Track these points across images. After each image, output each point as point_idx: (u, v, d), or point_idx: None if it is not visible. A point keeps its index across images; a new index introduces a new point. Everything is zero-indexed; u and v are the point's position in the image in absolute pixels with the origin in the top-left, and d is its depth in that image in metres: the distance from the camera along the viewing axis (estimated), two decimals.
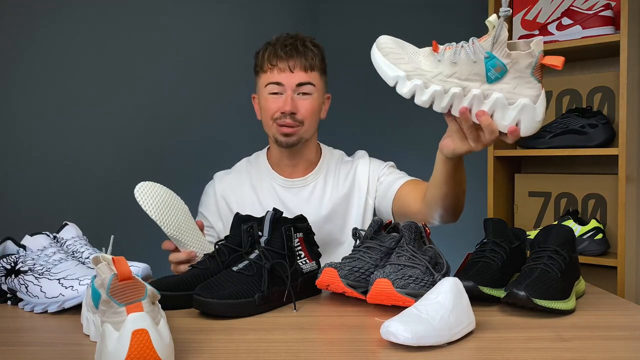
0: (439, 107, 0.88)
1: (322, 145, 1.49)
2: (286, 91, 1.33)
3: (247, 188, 1.44)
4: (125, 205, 2.24)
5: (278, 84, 1.33)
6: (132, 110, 2.26)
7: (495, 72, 0.85)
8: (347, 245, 1.39)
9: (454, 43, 0.88)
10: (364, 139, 1.53)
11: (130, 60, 2.25)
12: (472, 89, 0.86)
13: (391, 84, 0.87)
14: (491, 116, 0.88)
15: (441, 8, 2.64)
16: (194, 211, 2.34)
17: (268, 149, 1.49)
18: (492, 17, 0.85)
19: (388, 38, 0.89)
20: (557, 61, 0.86)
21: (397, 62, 0.86)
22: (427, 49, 0.88)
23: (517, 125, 0.89)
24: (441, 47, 0.88)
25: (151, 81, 2.32)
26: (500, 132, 0.92)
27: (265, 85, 1.35)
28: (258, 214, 1.31)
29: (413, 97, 0.86)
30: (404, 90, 0.86)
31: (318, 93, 1.37)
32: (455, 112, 0.89)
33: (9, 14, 1.92)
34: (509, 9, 0.84)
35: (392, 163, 1.48)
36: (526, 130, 0.90)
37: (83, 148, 2.12)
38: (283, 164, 1.43)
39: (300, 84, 1.33)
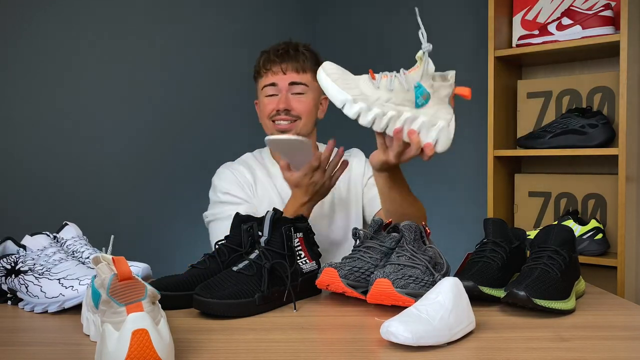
0: (378, 127, 1.00)
1: (320, 145, 1.51)
2: (281, 91, 1.41)
3: (260, 174, 1.48)
4: (125, 205, 2.25)
5: (272, 84, 1.41)
6: (132, 111, 2.26)
7: (422, 99, 1.02)
8: (350, 242, 1.40)
9: (387, 72, 1.02)
10: (362, 140, 1.54)
11: (131, 62, 2.25)
12: (404, 112, 1.01)
13: (339, 105, 0.99)
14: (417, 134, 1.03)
15: (441, 8, 2.64)
16: (194, 213, 2.34)
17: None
18: (420, 53, 1.01)
19: (332, 65, 1.01)
20: (466, 91, 1.05)
21: (344, 87, 0.98)
22: (365, 76, 1.01)
23: (435, 142, 1.03)
24: (377, 75, 1.01)
25: (151, 82, 2.32)
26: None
27: (262, 88, 1.44)
28: (273, 197, 1.42)
29: (358, 117, 0.98)
30: (351, 111, 0.98)
31: (313, 93, 1.43)
32: (390, 131, 1.02)
33: (8, 14, 1.92)
34: (429, 44, 1.00)
35: None
36: (442, 147, 1.04)
37: (83, 148, 2.12)
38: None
39: (292, 83, 1.41)
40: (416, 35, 0.97)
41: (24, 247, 1.04)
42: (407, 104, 1.01)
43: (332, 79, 0.99)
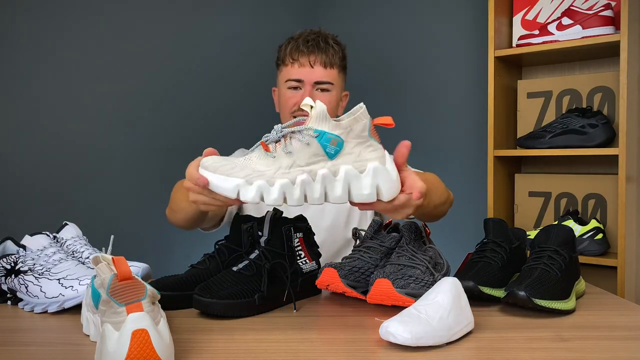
0: (293, 200, 0.82)
1: None
2: (305, 86, 1.37)
3: None
4: (125, 205, 2.25)
5: (297, 80, 1.38)
6: (132, 111, 2.26)
7: (332, 147, 0.84)
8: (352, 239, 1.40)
9: (282, 139, 0.85)
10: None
11: (131, 61, 2.25)
12: (318, 171, 0.83)
13: (233, 195, 0.81)
14: (349, 191, 0.85)
15: (441, 8, 2.64)
16: None
17: None
18: (306, 100, 0.85)
19: (211, 157, 0.85)
20: (387, 120, 0.87)
21: (230, 173, 0.82)
22: (255, 153, 0.85)
23: (377, 191, 0.85)
24: (271, 145, 0.84)
25: (152, 81, 2.32)
26: (372, 202, 0.87)
27: (285, 81, 1.40)
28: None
29: (262, 199, 0.82)
30: (249, 195, 0.81)
31: (336, 90, 1.41)
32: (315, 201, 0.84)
33: (8, 13, 1.92)
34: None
35: None
36: (388, 193, 0.86)
37: (83, 148, 2.12)
38: None
39: (318, 82, 1.38)
40: (416, 36, 0.95)
41: (23, 247, 1.04)
42: (318, 159, 0.83)
43: (210, 170, 0.82)
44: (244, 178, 0.81)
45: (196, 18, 2.48)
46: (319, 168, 0.83)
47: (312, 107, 0.85)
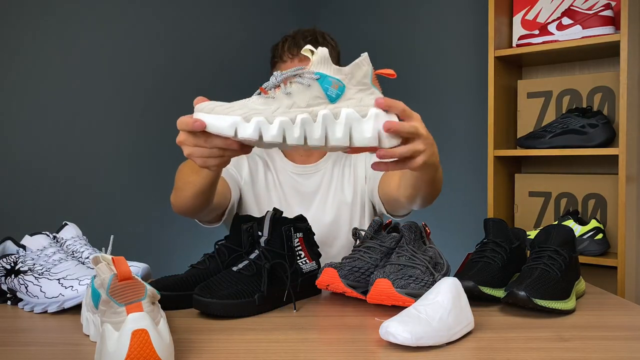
0: (293, 139, 0.80)
1: None
2: None
3: (261, 165, 1.46)
4: (125, 205, 2.25)
5: None
6: (133, 111, 2.26)
7: (334, 90, 0.82)
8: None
9: (281, 84, 0.83)
10: None
11: (131, 60, 2.25)
12: (319, 111, 0.81)
13: (231, 132, 0.78)
14: (350, 134, 0.83)
15: (441, 8, 2.64)
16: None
17: None
18: (307, 46, 0.84)
19: (205, 102, 0.82)
20: (388, 71, 0.86)
21: (227, 112, 0.79)
22: (255, 97, 0.82)
23: (379, 136, 0.83)
24: (270, 91, 0.82)
25: (152, 81, 2.32)
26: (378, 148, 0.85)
27: None
28: (274, 190, 1.41)
29: (260, 137, 0.79)
30: (248, 131, 0.78)
31: None
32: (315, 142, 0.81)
33: (3, 13, 1.92)
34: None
35: None
36: (389, 140, 0.84)
37: (83, 148, 2.12)
38: (297, 153, 1.46)
39: None
40: (416, 36, 0.95)
41: (23, 247, 1.04)
42: (319, 101, 0.82)
43: (206, 111, 0.80)
44: (241, 115, 0.79)
45: (195, 18, 2.48)
46: (320, 109, 0.82)
47: (312, 52, 0.83)
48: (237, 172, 1.41)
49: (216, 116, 0.79)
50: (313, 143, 0.81)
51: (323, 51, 0.83)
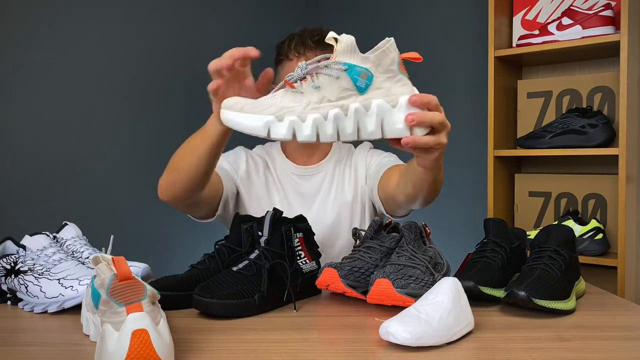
0: (326, 137, 0.79)
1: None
2: None
3: (262, 166, 1.45)
4: (125, 205, 2.25)
5: None
6: (133, 111, 2.26)
7: (362, 80, 0.80)
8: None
9: (307, 76, 0.81)
10: None
11: (130, 60, 2.25)
12: (350, 105, 0.80)
13: (264, 133, 0.77)
14: (381, 125, 0.82)
15: (441, 8, 2.64)
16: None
17: (280, 142, 1.51)
18: (331, 33, 0.81)
19: (233, 98, 0.81)
20: (414, 54, 0.84)
21: (257, 110, 0.78)
22: (281, 91, 0.81)
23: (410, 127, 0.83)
24: (296, 83, 0.81)
25: (152, 82, 2.32)
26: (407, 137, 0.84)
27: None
28: (275, 191, 1.41)
29: (294, 136, 0.78)
30: (282, 132, 0.77)
31: None
32: (369, 136, 0.81)
33: (5, 14, 1.92)
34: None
35: (394, 156, 1.48)
36: (419, 129, 0.84)
37: (83, 148, 2.12)
38: (298, 154, 1.46)
39: None
40: (416, 37, 0.94)
41: (23, 247, 1.04)
42: (348, 93, 0.80)
43: (236, 109, 0.78)
44: (273, 114, 0.77)
45: (195, 18, 2.48)
46: (351, 102, 0.80)
47: (337, 40, 0.81)
48: (233, 168, 1.40)
49: (247, 115, 0.78)
50: (346, 139, 0.80)
51: (349, 39, 0.80)
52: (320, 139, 0.79)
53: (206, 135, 1.06)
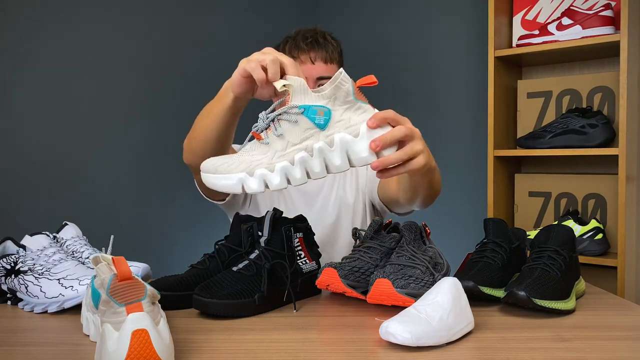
0: (296, 180, 0.82)
1: None
2: (307, 83, 1.35)
3: None
4: (126, 205, 2.25)
5: None
6: (133, 111, 2.26)
7: (321, 117, 0.83)
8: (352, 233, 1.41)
9: (271, 124, 0.85)
10: None
11: (130, 61, 2.25)
12: (313, 145, 0.83)
13: (239, 189, 0.82)
14: (348, 157, 0.84)
15: (441, 8, 2.64)
16: (194, 213, 2.32)
17: None
18: (279, 82, 0.85)
19: (209, 160, 0.85)
20: (369, 79, 0.85)
21: (229, 169, 0.83)
22: (249, 144, 0.85)
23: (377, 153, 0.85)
24: (262, 133, 0.85)
25: (151, 82, 2.32)
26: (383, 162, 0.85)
27: None
28: (281, 193, 1.40)
29: (267, 187, 0.82)
30: (253, 186, 0.81)
31: None
32: (317, 174, 0.84)
33: (5, 14, 1.92)
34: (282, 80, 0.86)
35: None
36: (386, 150, 0.85)
37: (83, 148, 2.12)
38: None
39: (320, 78, 1.37)
40: (416, 37, 0.94)
41: (23, 247, 1.04)
42: (310, 133, 0.83)
43: (211, 172, 0.83)
44: (244, 171, 0.82)
45: (195, 18, 2.48)
46: (314, 142, 0.83)
47: (285, 85, 0.84)
48: None
49: (220, 176, 0.83)
50: (317, 177, 0.84)
51: (299, 81, 0.84)
52: (291, 183, 0.83)
53: (220, 100, 1.08)
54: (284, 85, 0.85)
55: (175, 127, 2.38)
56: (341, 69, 0.85)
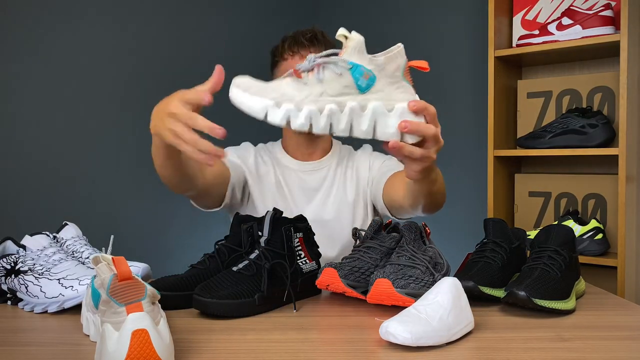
0: (318, 128, 0.82)
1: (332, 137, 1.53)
2: None
3: (270, 165, 1.46)
4: (125, 205, 2.25)
5: None
6: (133, 111, 2.26)
7: (364, 80, 0.83)
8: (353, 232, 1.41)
9: (315, 68, 0.84)
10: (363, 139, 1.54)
11: (131, 61, 2.25)
12: (347, 102, 0.83)
13: (261, 116, 0.81)
14: (374, 126, 0.85)
15: (441, 8, 2.64)
16: (194, 213, 2.31)
17: (281, 140, 1.52)
18: (341, 30, 0.84)
19: (245, 78, 0.84)
20: (422, 63, 0.86)
21: (260, 93, 0.81)
22: (289, 78, 0.84)
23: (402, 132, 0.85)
24: (303, 74, 0.84)
25: (152, 82, 2.32)
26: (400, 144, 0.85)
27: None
28: (280, 188, 1.41)
29: (288, 123, 0.81)
30: (277, 118, 0.80)
31: None
32: (341, 132, 0.83)
33: (5, 14, 1.92)
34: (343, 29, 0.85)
35: (395, 159, 1.49)
36: (411, 136, 0.86)
37: (83, 148, 2.12)
38: (299, 152, 1.47)
39: None
40: (416, 37, 0.94)
41: (23, 247, 1.04)
42: (348, 91, 0.83)
43: (242, 89, 0.82)
44: (273, 100, 0.81)
45: (195, 19, 2.48)
46: (348, 100, 0.83)
47: (346, 37, 0.83)
48: (242, 161, 1.42)
49: (250, 96, 0.81)
50: (338, 133, 0.83)
51: (358, 38, 0.83)
52: (313, 129, 0.82)
53: (155, 147, 1.04)
54: (345, 36, 0.83)
55: None
56: (400, 44, 0.86)
